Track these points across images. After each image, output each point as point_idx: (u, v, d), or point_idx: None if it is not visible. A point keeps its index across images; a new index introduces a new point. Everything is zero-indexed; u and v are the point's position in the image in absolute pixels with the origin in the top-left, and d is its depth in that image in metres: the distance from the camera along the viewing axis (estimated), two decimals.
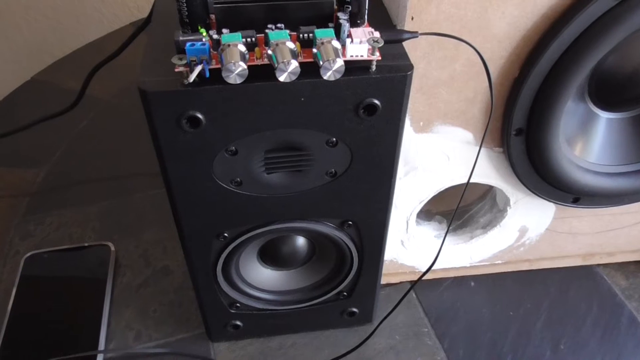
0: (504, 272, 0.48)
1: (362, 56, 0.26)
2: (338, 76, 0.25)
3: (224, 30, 0.26)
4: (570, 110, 0.36)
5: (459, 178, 0.38)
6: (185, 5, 0.26)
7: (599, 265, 0.49)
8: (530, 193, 0.40)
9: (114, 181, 0.56)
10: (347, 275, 0.38)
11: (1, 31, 1.13)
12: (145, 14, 0.83)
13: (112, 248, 0.49)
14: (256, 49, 0.25)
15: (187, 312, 0.45)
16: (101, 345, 0.42)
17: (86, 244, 0.49)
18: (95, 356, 0.41)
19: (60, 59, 0.75)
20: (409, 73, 0.27)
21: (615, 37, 0.30)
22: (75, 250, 0.49)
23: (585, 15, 0.30)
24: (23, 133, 0.55)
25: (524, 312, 0.46)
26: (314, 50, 0.25)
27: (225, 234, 0.34)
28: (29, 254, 0.48)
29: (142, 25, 0.42)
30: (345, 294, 0.40)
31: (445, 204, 0.47)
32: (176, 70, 0.25)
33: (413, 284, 0.38)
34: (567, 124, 0.37)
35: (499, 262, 0.47)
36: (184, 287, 0.46)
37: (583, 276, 0.49)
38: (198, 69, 0.25)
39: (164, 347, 0.42)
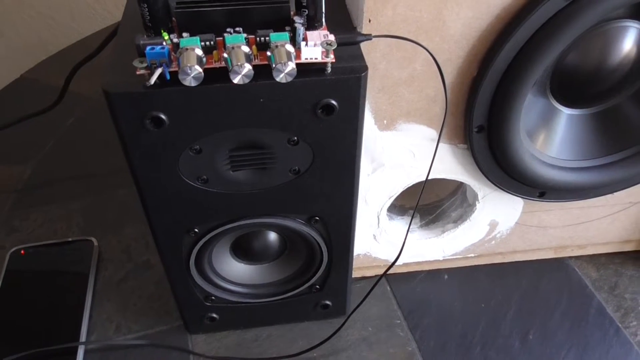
0: (477, 265, 0.49)
1: (316, 59, 0.27)
2: (290, 79, 0.26)
3: (184, 34, 0.27)
4: (532, 106, 0.37)
5: (426, 174, 0.40)
6: (147, 10, 0.27)
7: (570, 257, 0.51)
8: (497, 188, 0.41)
9: (98, 178, 0.57)
10: (318, 269, 0.40)
11: None
12: None
13: (95, 243, 0.50)
14: (214, 52, 0.27)
15: (166, 305, 0.46)
16: (82, 337, 0.43)
17: (70, 239, 0.51)
18: (76, 348, 0.42)
19: (50, 57, 0.76)
20: (363, 74, 0.28)
21: (567, 36, 0.31)
22: (59, 245, 0.50)
23: (537, 15, 0.31)
24: (9, 130, 0.56)
25: (495, 304, 0.47)
26: (268, 53, 0.26)
27: (196, 230, 0.35)
28: (14, 249, 0.49)
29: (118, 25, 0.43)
30: (317, 287, 0.42)
31: (415, 199, 0.48)
32: (137, 73, 0.26)
33: (380, 276, 0.39)
34: (529, 120, 0.38)
35: (472, 255, 0.48)
36: (164, 281, 0.47)
37: (555, 268, 0.50)
38: (158, 72, 0.26)
39: (143, 339, 0.43)
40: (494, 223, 0.46)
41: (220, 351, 0.43)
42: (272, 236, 0.40)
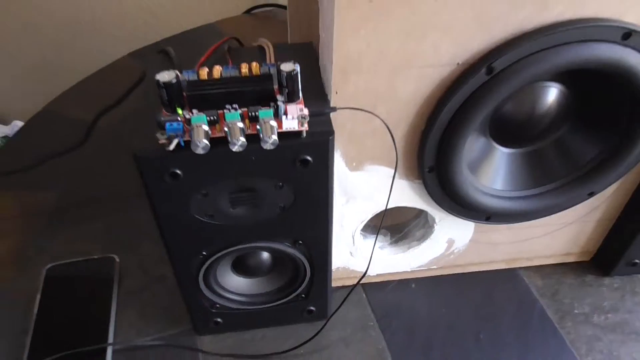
0: (440, 276, 0.58)
1: (294, 128, 0.36)
2: (273, 147, 0.34)
3: (194, 111, 0.36)
4: (475, 145, 0.46)
5: (389, 205, 0.48)
6: (165, 93, 0.36)
7: (520, 268, 0.59)
8: (450, 214, 0.50)
9: (116, 203, 0.66)
10: (302, 282, 0.49)
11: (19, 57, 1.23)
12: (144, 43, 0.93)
13: (117, 260, 0.59)
14: (217, 125, 0.35)
15: (178, 312, 0.55)
16: (110, 339, 0.52)
17: (95, 257, 0.59)
18: (105, 348, 0.51)
19: (70, 88, 0.85)
20: (330, 137, 0.37)
21: (492, 100, 0.40)
22: (86, 262, 0.59)
23: (468, 86, 0.39)
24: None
25: (454, 309, 0.56)
26: (258, 127, 0.35)
27: (204, 253, 0.44)
28: (48, 266, 0.58)
29: (137, 81, 0.52)
30: (303, 295, 0.50)
31: (390, 220, 0.57)
32: (160, 142, 0.35)
33: (354, 286, 0.48)
34: (472, 156, 0.46)
35: (435, 267, 0.57)
36: (176, 292, 0.56)
37: (506, 278, 0.59)
38: (175, 141, 0.35)
39: (160, 340, 0.52)
40: (451, 241, 0.54)
41: (223, 349, 0.52)
42: (265, 255, 0.48)
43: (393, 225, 0.57)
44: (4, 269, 0.59)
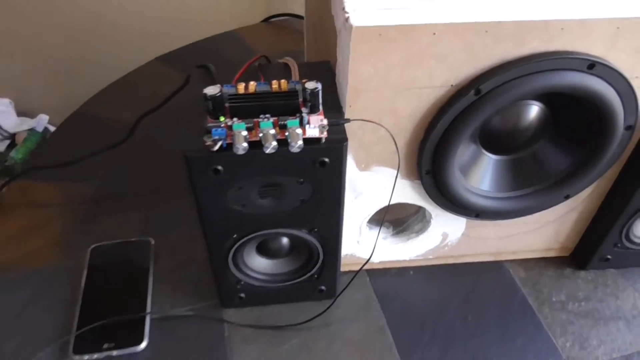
0: (435, 265, 0.66)
1: (315, 135, 0.44)
2: (299, 150, 0.43)
3: (234, 119, 0.44)
4: (466, 152, 0.54)
5: (392, 201, 0.57)
6: (211, 104, 0.44)
7: (506, 261, 0.67)
8: (444, 211, 0.58)
9: (149, 194, 0.74)
10: (315, 264, 0.57)
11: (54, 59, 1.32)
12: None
13: (152, 242, 0.67)
14: (253, 131, 0.44)
15: (206, 288, 0.63)
16: (148, 309, 0.60)
17: (133, 239, 0.68)
18: (144, 316, 0.60)
19: (101, 91, 0.93)
20: (344, 144, 0.45)
21: (478, 117, 0.48)
22: (125, 243, 0.67)
23: (459, 104, 0.47)
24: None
25: (446, 294, 0.64)
26: (286, 133, 0.43)
27: (235, 236, 0.52)
28: (92, 246, 0.67)
29: (179, 87, 0.60)
30: (315, 276, 0.59)
31: (392, 214, 0.65)
32: (206, 144, 0.43)
33: (358, 270, 0.57)
34: (464, 162, 0.54)
35: (430, 257, 0.65)
36: (203, 271, 0.65)
37: (493, 269, 0.67)
38: (219, 144, 0.43)
39: (191, 311, 0.61)
40: (445, 234, 0.62)
41: (245, 321, 0.60)
42: (284, 240, 0.57)
43: (395, 219, 0.66)
44: (55, 249, 0.68)
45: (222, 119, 0.44)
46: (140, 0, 1.25)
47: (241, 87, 0.46)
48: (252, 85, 0.46)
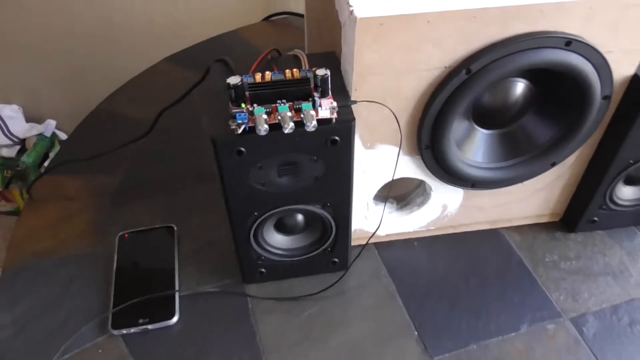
0: (437, 235, 0.72)
1: (327, 116, 0.50)
2: (314, 129, 0.48)
3: (255, 105, 0.49)
4: (460, 129, 0.60)
5: (395, 176, 0.62)
6: (233, 92, 0.49)
7: (502, 228, 0.73)
8: (443, 182, 0.64)
9: (169, 184, 0.80)
10: (329, 238, 0.62)
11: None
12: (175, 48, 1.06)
13: (175, 228, 0.73)
14: (271, 115, 0.49)
15: (227, 266, 0.68)
16: (176, 287, 0.66)
17: (157, 226, 0.73)
18: (174, 294, 0.65)
19: (117, 90, 0.98)
20: (352, 123, 0.51)
21: (470, 94, 0.53)
22: (150, 230, 0.73)
23: (452, 83, 0.53)
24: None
25: (449, 261, 0.69)
26: (302, 115, 0.49)
27: (256, 213, 0.58)
28: (120, 233, 0.72)
29: (197, 82, 0.65)
30: (329, 249, 0.64)
31: (395, 190, 0.71)
32: (231, 127, 0.49)
33: (366, 242, 0.62)
34: (459, 137, 0.60)
35: (432, 228, 0.71)
36: (224, 252, 0.70)
37: (490, 236, 0.72)
38: (242, 127, 0.48)
39: (216, 288, 0.66)
40: (444, 205, 0.68)
41: (267, 294, 0.66)
42: (300, 217, 0.62)
43: (398, 195, 0.71)
44: (87, 237, 0.73)
45: (243, 105, 0.50)
46: (145, 5, 1.29)
47: (258, 77, 0.51)
48: (268, 74, 0.51)
